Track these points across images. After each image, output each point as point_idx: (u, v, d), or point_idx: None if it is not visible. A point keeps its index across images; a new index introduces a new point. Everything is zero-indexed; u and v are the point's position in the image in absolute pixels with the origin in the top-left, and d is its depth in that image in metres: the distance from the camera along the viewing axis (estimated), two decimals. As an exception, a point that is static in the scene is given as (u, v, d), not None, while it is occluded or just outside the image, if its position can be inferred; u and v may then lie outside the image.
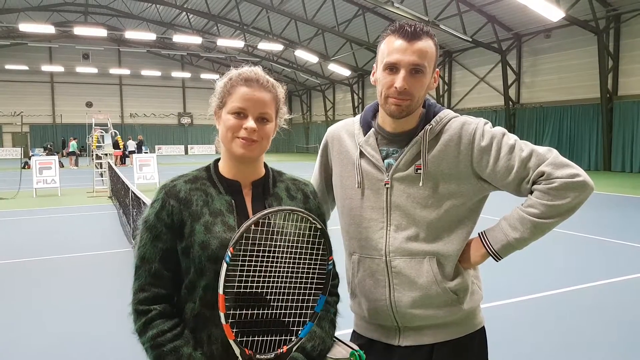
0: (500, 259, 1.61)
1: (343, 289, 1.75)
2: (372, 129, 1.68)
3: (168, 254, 1.39)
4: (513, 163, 1.53)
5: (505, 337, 4.12)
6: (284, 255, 1.35)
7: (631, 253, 6.96)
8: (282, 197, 1.49)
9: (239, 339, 1.28)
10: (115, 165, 18.71)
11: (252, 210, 1.44)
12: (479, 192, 1.63)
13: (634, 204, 11.80)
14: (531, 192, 1.54)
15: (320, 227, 1.37)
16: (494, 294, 5.07)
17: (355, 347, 1.46)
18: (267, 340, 1.33)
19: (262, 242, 1.31)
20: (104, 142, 17.28)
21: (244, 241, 1.28)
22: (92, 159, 17.42)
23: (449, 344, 1.64)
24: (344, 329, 1.81)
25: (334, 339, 1.51)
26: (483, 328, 1.73)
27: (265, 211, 1.31)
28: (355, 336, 1.79)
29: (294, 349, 1.35)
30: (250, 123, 1.38)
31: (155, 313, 1.35)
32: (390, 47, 1.53)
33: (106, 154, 16.46)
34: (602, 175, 18.89)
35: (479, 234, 1.65)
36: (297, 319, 1.37)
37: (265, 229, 1.32)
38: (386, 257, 1.62)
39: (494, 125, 1.61)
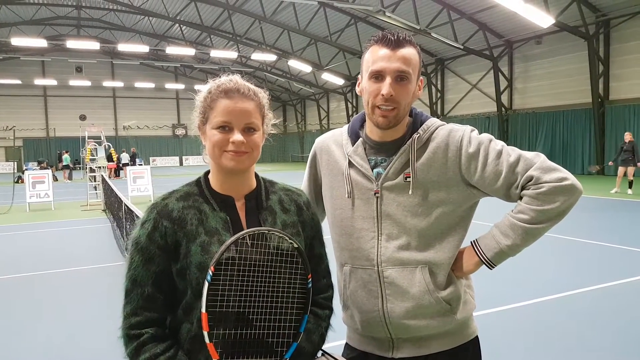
0: (493, 267, 1.60)
1: (335, 301, 1.73)
2: (360, 138, 1.67)
3: (161, 277, 1.34)
4: (501, 168, 1.53)
5: (499, 346, 4.10)
6: (264, 274, 1.33)
7: (624, 256, 6.96)
8: (276, 210, 1.46)
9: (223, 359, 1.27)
10: (110, 178, 18.64)
11: (247, 227, 1.40)
12: (469, 199, 1.62)
13: (627, 207, 11.84)
14: (520, 198, 1.54)
15: (297, 246, 1.35)
16: (486, 301, 5.05)
17: None
18: None
19: (242, 262, 1.30)
20: (97, 155, 17.22)
21: (224, 261, 1.27)
22: (86, 172, 17.35)
23: (443, 355, 1.63)
24: (337, 341, 1.79)
25: (325, 354, 1.49)
26: (477, 338, 1.71)
27: (244, 232, 1.29)
28: (348, 349, 1.77)
29: None
30: (237, 136, 1.34)
31: (148, 337, 1.30)
32: (375, 56, 1.54)
33: (100, 167, 16.40)
34: (595, 179, 18.96)
35: (471, 242, 1.65)
36: (281, 340, 1.34)
37: (243, 248, 1.31)
38: (378, 267, 1.61)
39: (487, 131, 1.62)
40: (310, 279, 1.38)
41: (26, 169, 26.87)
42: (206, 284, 1.24)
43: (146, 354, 1.29)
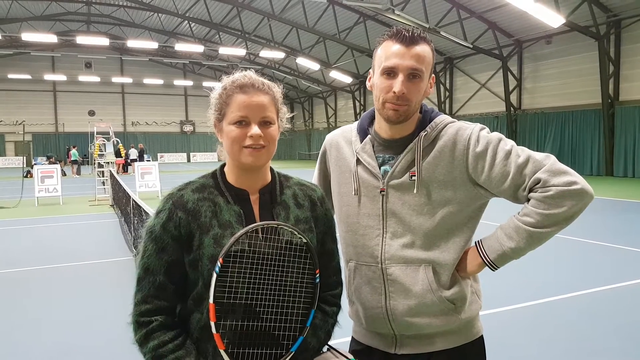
0: (496, 269, 1.59)
1: (343, 295, 1.74)
2: (369, 135, 1.67)
3: (173, 266, 1.36)
4: (509, 169, 1.50)
5: (505, 345, 4.09)
6: (272, 268, 1.34)
7: (634, 258, 6.91)
8: (290, 205, 1.47)
9: (230, 351, 1.28)
10: (118, 173, 18.74)
11: (260, 221, 1.41)
12: (476, 199, 1.60)
13: (636, 209, 11.75)
14: (528, 200, 1.51)
15: (305, 240, 1.36)
16: (493, 301, 5.04)
17: (350, 356, 1.44)
18: (258, 353, 1.33)
19: (251, 255, 1.32)
20: (105, 151, 17.33)
21: (232, 253, 1.28)
22: (94, 168, 17.45)
23: (447, 353, 1.62)
24: (343, 338, 1.80)
25: (330, 349, 1.50)
26: (481, 337, 1.71)
27: (252, 225, 1.31)
28: (354, 342, 1.79)
29: None
30: (254, 130, 1.35)
31: (157, 324, 1.33)
32: (388, 52, 1.52)
33: (108, 162, 16.50)
34: (604, 181, 18.83)
35: (475, 242, 1.63)
36: (288, 333, 1.36)
37: (253, 242, 1.32)
38: (382, 265, 1.61)
39: (495, 131, 1.59)
40: (318, 274, 1.39)
41: (35, 164, 27.07)
42: (214, 275, 1.26)
43: (155, 340, 1.31)
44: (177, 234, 1.36)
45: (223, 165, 1.49)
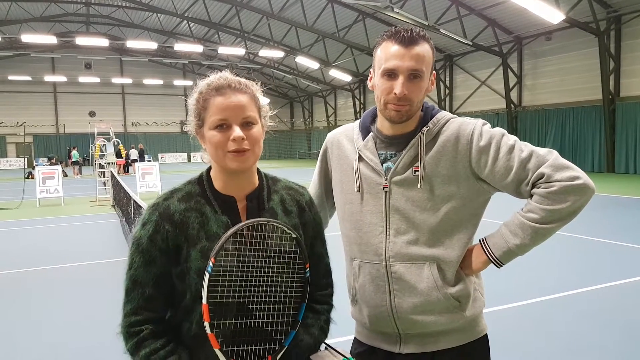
0: (501, 266, 1.59)
1: (344, 295, 1.74)
2: (371, 133, 1.67)
3: (162, 278, 1.35)
4: (512, 164, 1.50)
5: (508, 343, 4.08)
6: (263, 265, 1.33)
7: (636, 255, 6.90)
8: (278, 212, 1.44)
9: (224, 349, 1.28)
10: (119, 174, 18.76)
11: None
12: (479, 194, 1.60)
13: (638, 205, 11.73)
14: (531, 196, 1.51)
15: (295, 236, 1.35)
16: (496, 298, 5.03)
17: (347, 354, 1.44)
18: (252, 349, 1.33)
19: (242, 253, 1.31)
20: (106, 151, 17.33)
21: (224, 252, 1.28)
22: (95, 168, 17.47)
23: (451, 352, 1.62)
24: (345, 336, 1.80)
25: (327, 347, 1.49)
26: (486, 335, 1.70)
27: (243, 223, 1.30)
28: (357, 343, 1.77)
29: (278, 357, 1.35)
30: (236, 132, 1.31)
31: (147, 332, 1.32)
32: (388, 53, 1.52)
33: (109, 163, 16.51)
34: (606, 177, 18.81)
35: (480, 240, 1.63)
36: (280, 328, 1.36)
37: (244, 239, 1.31)
38: (386, 262, 1.60)
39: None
40: (308, 268, 1.39)
41: (36, 165, 27.09)
42: (207, 275, 1.25)
43: (146, 349, 1.31)
44: (164, 246, 1.34)
45: (209, 169, 1.45)
